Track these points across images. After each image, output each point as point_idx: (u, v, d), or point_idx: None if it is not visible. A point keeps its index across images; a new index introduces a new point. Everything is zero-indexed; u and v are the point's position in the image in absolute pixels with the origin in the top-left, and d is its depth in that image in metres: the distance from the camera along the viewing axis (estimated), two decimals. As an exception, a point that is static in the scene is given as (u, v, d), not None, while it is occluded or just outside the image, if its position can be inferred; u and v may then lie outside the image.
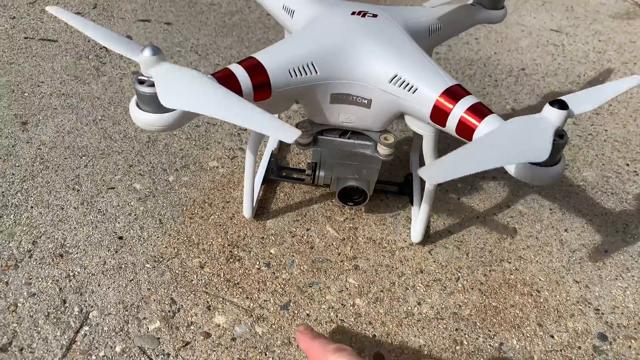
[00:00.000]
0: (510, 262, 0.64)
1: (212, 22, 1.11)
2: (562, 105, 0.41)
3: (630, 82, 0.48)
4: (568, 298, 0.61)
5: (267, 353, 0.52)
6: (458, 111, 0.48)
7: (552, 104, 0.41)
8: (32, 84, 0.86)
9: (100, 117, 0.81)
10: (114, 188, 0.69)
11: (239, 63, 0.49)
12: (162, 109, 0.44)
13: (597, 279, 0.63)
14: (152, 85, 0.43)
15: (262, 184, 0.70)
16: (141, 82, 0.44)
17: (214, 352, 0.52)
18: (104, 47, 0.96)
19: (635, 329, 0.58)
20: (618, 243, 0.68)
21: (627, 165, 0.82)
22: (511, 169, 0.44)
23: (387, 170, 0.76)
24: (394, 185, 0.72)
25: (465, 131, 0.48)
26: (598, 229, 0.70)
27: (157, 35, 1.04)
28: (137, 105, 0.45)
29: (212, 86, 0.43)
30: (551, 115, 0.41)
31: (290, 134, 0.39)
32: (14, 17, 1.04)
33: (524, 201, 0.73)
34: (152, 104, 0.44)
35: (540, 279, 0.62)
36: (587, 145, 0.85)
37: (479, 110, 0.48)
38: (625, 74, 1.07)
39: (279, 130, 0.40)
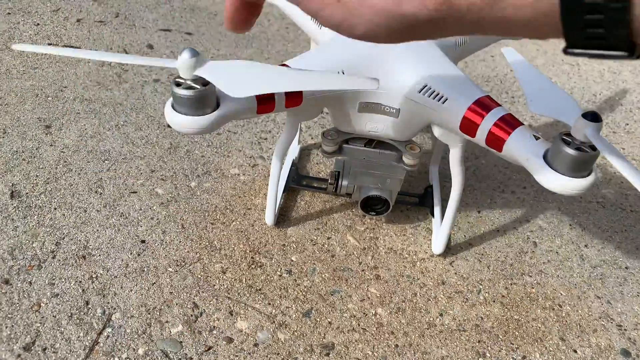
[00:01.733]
0: (531, 276, 0.64)
1: (232, 34, 1.13)
2: (595, 117, 0.42)
3: None
4: (590, 313, 0.60)
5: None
6: (488, 122, 0.48)
7: (585, 116, 0.42)
8: (55, 89, 0.87)
9: (122, 123, 0.81)
10: (136, 192, 0.69)
11: (271, 69, 0.50)
12: (199, 112, 0.45)
13: (619, 295, 0.63)
14: (190, 87, 0.44)
15: (283, 192, 0.71)
16: (178, 85, 0.44)
17: (237, 358, 0.52)
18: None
19: (658, 346, 0.57)
20: (639, 260, 0.68)
21: (646, 183, 0.82)
22: (542, 179, 0.44)
23: (406, 181, 0.76)
24: (414, 197, 0.73)
25: (496, 142, 0.48)
26: (618, 245, 0.70)
27: (177, 44, 1.05)
28: (173, 107, 0.46)
29: (269, 66, 0.45)
30: (584, 128, 0.42)
31: (372, 83, 0.42)
32: (38, 24, 1.05)
33: (543, 216, 0.73)
34: (189, 106, 0.44)
35: (561, 294, 0.62)
36: (605, 163, 0.85)
37: (509, 122, 0.48)
38: (641, 94, 1.07)
39: (358, 82, 0.44)
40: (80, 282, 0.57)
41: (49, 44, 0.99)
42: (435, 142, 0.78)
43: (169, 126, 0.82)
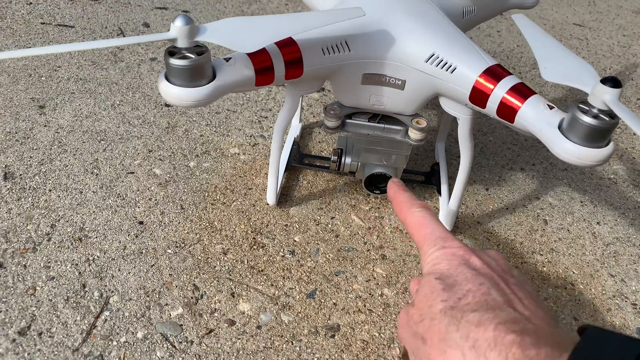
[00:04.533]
0: (542, 255, 0.62)
1: (230, 11, 1.10)
2: (615, 83, 0.39)
3: None
4: (604, 292, 0.58)
5: (293, 342, 0.50)
6: (499, 92, 0.46)
7: (604, 81, 0.39)
8: (49, 69, 0.84)
9: (118, 102, 0.79)
10: (133, 173, 0.67)
11: (270, 38, 0.48)
12: (195, 83, 0.42)
13: (633, 273, 0.61)
14: (184, 57, 0.41)
15: (285, 171, 0.68)
16: (171, 54, 0.42)
17: (239, 340, 0.50)
18: (120, 33, 0.95)
19: (674, 324, 0.56)
20: (653, 237, 0.66)
21: (659, 159, 0.79)
22: (558, 151, 0.42)
23: (412, 159, 0.74)
24: (420, 175, 0.70)
25: (507, 113, 0.46)
26: (631, 222, 0.68)
27: (174, 23, 1.02)
28: (167, 79, 0.43)
29: (265, 17, 0.45)
30: (603, 94, 0.39)
31: (356, 11, 0.46)
32: (31, 3, 1.02)
33: (553, 193, 0.71)
34: (184, 77, 0.42)
35: (574, 272, 0.60)
36: (617, 139, 0.83)
37: (522, 91, 0.46)
38: (652, 68, 1.04)
39: (344, 13, 0.47)
40: (77, 264, 0.55)
41: (42, 23, 0.96)
42: (442, 118, 0.76)
43: (166, 105, 0.79)
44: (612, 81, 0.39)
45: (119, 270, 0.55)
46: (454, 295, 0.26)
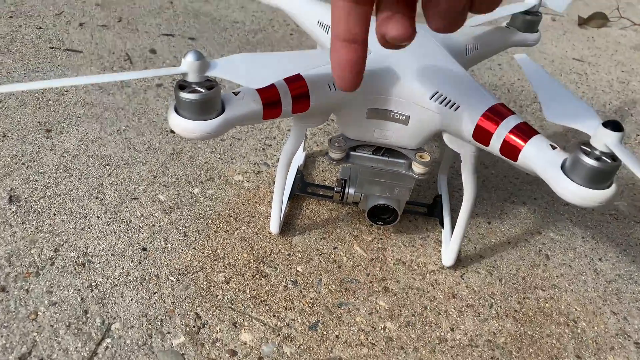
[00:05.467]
0: (544, 290, 0.62)
1: (236, 39, 1.11)
2: (617, 127, 0.40)
3: None
4: (607, 330, 0.58)
5: (294, 375, 0.50)
6: (502, 131, 0.47)
7: (605, 125, 0.40)
8: (56, 93, 0.86)
9: (124, 128, 0.80)
10: (137, 198, 0.67)
11: (279, 73, 0.49)
12: (204, 116, 0.43)
13: (636, 311, 0.61)
14: (194, 91, 0.42)
15: (288, 200, 0.69)
16: (182, 88, 0.43)
17: (240, 372, 0.50)
18: (128, 59, 0.96)
19: (677, 364, 0.55)
20: (654, 274, 0.66)
21: (659, 195, 0.80)
22: (561, 191, 0.42)
23: (414, 191, 0.75)
24: (423, 207, 0.71)
25: (511, 151, 0.46)
26: (633, 259, 0.68)
27: (181, 49, 1.04)
28: (176, 111, 0.44)
29: (274, 53, 0.47)
30: (605, 137, 0.40)
31: None
32: (40, 28, 1.04)
33: (555, 228, 0.71)
34: (194, 110, 0.43)
35: (576, 309, 0.60)
36: (618, 174, 0.83)
37: (525, 130, 0.46)
38: (651, 104, 1.06)
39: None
40: (79, 290, 0.55)
41: (51, 47, 0.98)
42: (444, 151, 0.76)
43: (171, 131, 0.80)
44: (613, 125, 0.40)
45: (122, 296, 0.55)
46: None
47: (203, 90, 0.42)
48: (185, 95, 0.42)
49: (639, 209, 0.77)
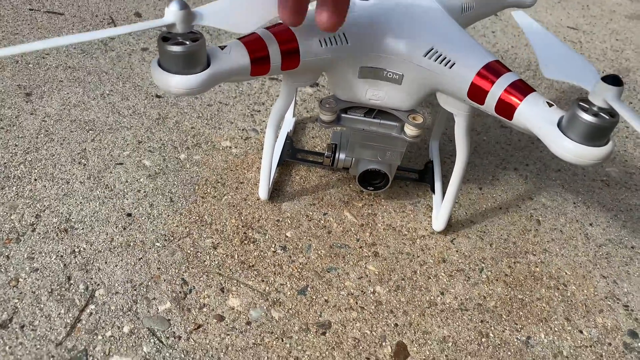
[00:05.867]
0: (535, 255, 0.61)
1: None
2: (616, 81, 0.39)
3: None
4: (596, 293, 0.58)
5: (283, 339, 0.49)
6: (498, 88, 0.45)
7: (605, 79, 0.39)
8: (37, 56, 0.82)
9: (108, 92, 0.77)
10: (122, 164, 0.65)
11: (267, 28, 0.47)
12: (189, 70, 0.41)
13: (625, 275, 0.61)
14: (179, 43, 0.40)
15: (277, 166, 0.67)
16: (165, 40, 0.41)
17: (228, 336, 0.49)
18: (112, 22, 0.93)
19: (666, 327, 0.55)
20: (644, 240, 0.66)
21: (651, 162, 0.80)
22: (557, 149, 0.41)
23: (405, 157, 0.73)
24: (414, 172, 0.70)
25: (506, 109, 0.45)
26: (624, 224, 0.68)
27: (166, 13, 1.00)
28: (160, 65, 0.42)
29: None
30: (604, 92, 0.39)
31: None
32: (19, -11, 1.00)
33: (546, 194, 0.71)
34: (179, 64, 0.41)
35: (566, 273, 0.60)
36: (614, 144, 0.83)
37: (521, 88, 0.45)
38: (644, 72, 1.05)
39: None
40: (62, 256, 0.54)
41: (30, 9, 0.94)
42: (436, 117, 0.75)
43: (157, 96, 0.78)
44: (613, 79, 0.38)
45: (106, 262, 0.54)
46: None
47: (188, 43, 0.40)
48: (170, 48, 0.40)
49: (630, 175, 0.76)
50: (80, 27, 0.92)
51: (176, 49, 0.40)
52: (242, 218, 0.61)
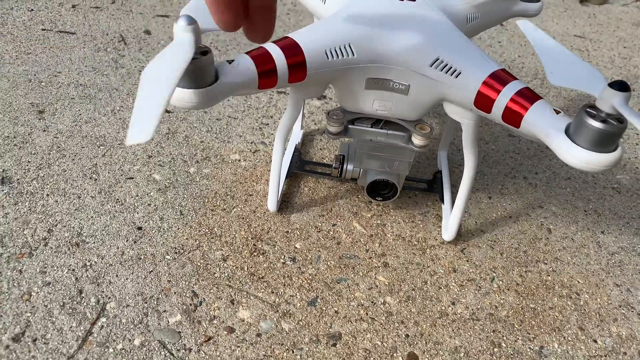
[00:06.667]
0: (546, 263, 0.61)
1: (231, 20, 1.09)
2: (624, 87, 0.39)
3: None
4: (609, 302, 0.57)
5: (294, 350, 0.49)
6: (504, 97, 0.45)
7: (612, 85, 0.39)
8: (49, 74, 0.84)
9: (118, 108, 0.79)
10: (132, 178, 0.66)
11: (275, 42, 0.47)
12: (196, 84, 0.42)
13: (639, 282, 0.60)
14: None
15: (286, 178, 0.68)
16: (173, 56, 0.41)
17: (239, 348, 0.49)
18: (122, 40, 0.95)
19: (682, 335, 0.55)
20: (658, 247, 0.65)
21: (662, 169, 0.79)
22: (565, 156, 0.41)
23: (414, 167, 0.73)
24: (423, 182, 0.70)
25: (513, 117, 0.45)
26: (636, 232, 0.67)
27: (175, 30, 1.02)
28: (169, 80, 0.43)
29: None
30: (611, 98, 0.39)
31: None
32: (32, 10, 1.02)
33: (557, 202, 0.70)
34: (186, 77, 0.41)
35: (579, 281, 0.59)
36: (623, 149, 0.82)
37: (527, 96, 0.45)
38: (653, 79, 1.04)
39: None
40: (74, 270, 0.54)
41: (43, 29, 0.96)
42: (444, 127, 0.75)
43: (167, 111, 0.79)
44: (620, 85, 0.38)
45: (117, 276, 0.54)
46: None
47: (197, 57, 0.41)
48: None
49: (642, 183, 0.76)
50: (92, 45, 0.93)
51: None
52: (252, 230, 0.61)
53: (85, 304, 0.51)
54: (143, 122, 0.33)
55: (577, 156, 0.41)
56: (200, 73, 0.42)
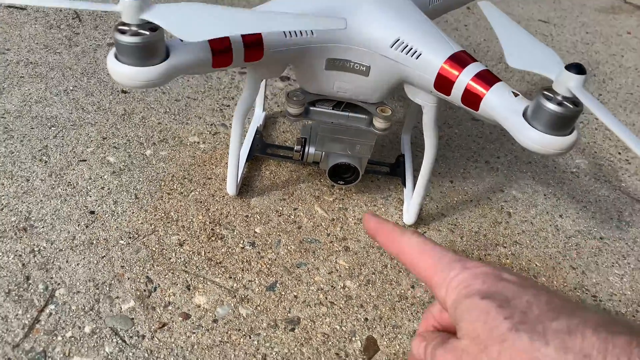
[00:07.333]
0: (505, 247, 0.62)
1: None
2: (580, 69, 0.38)
3: None
4: (565, 284, 0.58)
5: (251, 336, 0.48)
6: (464, 78, 0.45)
7: (568, 68, 0.39)
8: (-3, 51, 0.80)
9: (72, 88, 0.75)
10: (85, 160, 0.63)
11: (229, 19, 0.45)
12: (146, 62, 0.40)
13: (594, 265, 0.61)
14: (135, 34, 0.39)
15: (246, 161, 0.66)
16: (122, 32, 0.39)
17: (194, 334, 0.48)
18: (77, 17, 0.91)
19: (633, 316, 0.56)
20: (613, 230, 0.66)
21: (619, 153, 0.80)
22: (522, 139, 0.41)
23: (377, 151, 0.73)
24: (385, 166, 0.69)
25: (472, 100, 0.45)
26: (593, 215, 0.68)
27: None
28: (117, 57, 0.40)
29: (227, 8, 0.42)
30: (568, 81, 0.39)
31: (338, 23, 0.43)
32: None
33: (517, 186, 0.71)
34: (135, 55, 0.39)
35: (536, 264, 0.60)
36: (579, 133, 0.83)
37: (487, 78, 0.45)
38: (613, 65, 1.06)
39: (325, 22, 0.44)
40: (20, 255, 0.52)
41: (-9, 3, 0.91)
42: (407, 110, 0.75)
43: (123, 91, 0.76)
44: (576, 68, 0.38)
45: (67, 261, 0.52)
46: (515, 310, 0.22)
47: (146, 33, 0.39)
48: (125, 39, 0.39)
49: (599, 167, 0.77)
50: (44, 22, 0.89)
51: (131, 40, 0.38)
52: (210, 214, 0.59)
53: (32, 290, 0.49)
54: None
55: (533, 138, 0.40)
56: (149, 50, 0.40)
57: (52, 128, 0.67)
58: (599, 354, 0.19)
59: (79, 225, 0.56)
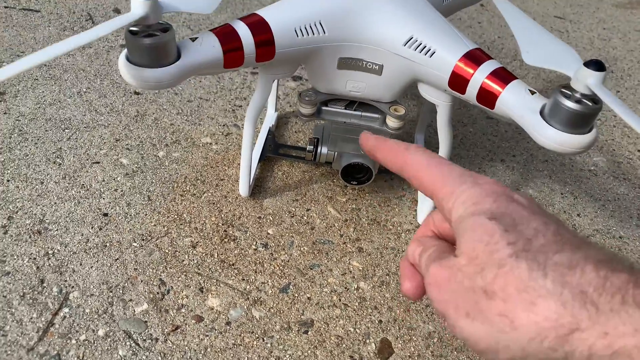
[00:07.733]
0: (522, 247, 0.60)
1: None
2: (599, 66, 0.37)
3: None
4: (584, 285, 0.57)
5: (264, 338, 0.48)
6: (479, 76, 0.44)
7: (587, 64, 0.38)
8: (11, 54, 0.80)
9: (85, 90, 0.75)
10: (98, 162, 0.64)
11: (241, 19, 0.45)
12: (158, 63, 0.40)
13: (613, 265, 0.60)
14: (149, 35, 0.38)
15: (259, 162, 0.66)
16: (133, 34, 0.39)
17: (207, 337, 0.47)
18: (90, 18, 0.91)
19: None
20: (633, 229, 0.65)
21: (638, 151, 0.79)
22: (539, 137, 0.40)
23: (390, 150, 0.72)
24: (399, 166, 0.68)
25: (488, 98, 0.44)
26: (611, 214, 0.67)
27: (146, 9, 0.98)
28: (128, 59, 0.40)
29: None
30: (586, 78, 0.38)
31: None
32: (-6, -14, 0.98)
33: (534, 185, 0.70)
34: (148, 56, 0.39)
35: (554, 265, 0.59)
36: (597, 131, 0.82)
37: (503, 76, 0.44)
38: (631, 61, 1.04)
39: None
40: (35, 259, 0.52)
41: (5, 7, 0.91)
42: (421, 109, 0.74)
43: (136, 93, 0.76)
44: (596, 64, 0.37)
45: (81, 264, 0.52)
46: (520, 236, 0.21)
47: (158, 34, 0.39)
48: (138, 40, 0.39)
49: (618, 165, 0.75)
50: (57, 24, 0.90)
51: (144, 41, 0.38)
52: (222, 216, 0.59)
53: (47, 294, 0.49)
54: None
55: (551, 137, 0.39)
56: (161, 51, 0.39)
57: (66, 130, 0.68)
58: (595, 291, 0.19)
59: (92, 227, 0.56)
